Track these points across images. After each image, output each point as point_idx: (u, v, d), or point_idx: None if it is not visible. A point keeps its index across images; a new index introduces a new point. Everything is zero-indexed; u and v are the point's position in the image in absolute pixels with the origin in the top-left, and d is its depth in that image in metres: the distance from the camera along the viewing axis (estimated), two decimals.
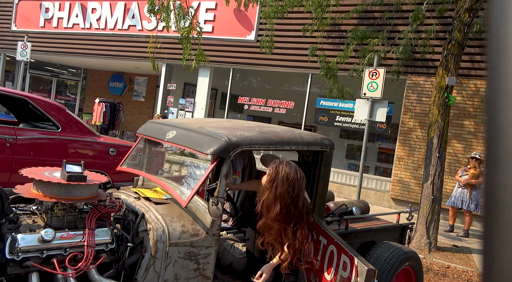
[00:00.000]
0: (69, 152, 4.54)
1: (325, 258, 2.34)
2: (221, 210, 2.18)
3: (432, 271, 4.69)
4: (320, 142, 2.64)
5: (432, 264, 4.96)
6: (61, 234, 1.93)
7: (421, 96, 8.21)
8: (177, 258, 2.16)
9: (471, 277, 4.63)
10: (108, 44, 11.92)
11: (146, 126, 3.00)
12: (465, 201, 6.49)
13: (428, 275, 4.46)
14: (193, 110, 10.93)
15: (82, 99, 15.81)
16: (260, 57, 9.40)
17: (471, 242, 6.31)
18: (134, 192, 2.58)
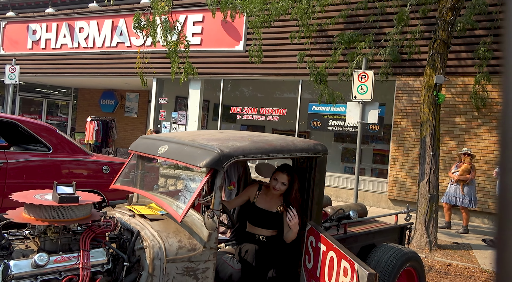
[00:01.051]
0: (62, 173, 4.49)
1: (325, 265, 2.32)
2: (217, 223, 2.16)
3: (434, 270, 4.67)
4: (313, 148, 2.64)
5: (433, 262, 4.95)
6: (55, 257, 1.90)
7: (411, 96, 8.29)
8: (175, 274, 2.12)
9: (473, 274, 4.62)
10: (97, 62, 11.92)
11: (138, 142, 2.98)
12: (459, 198, 6.53)
13: (431, 274, 4.44)
14: (186, 123, 10.92)
15: (74, 119, 15.73)
16: (250, 66, 9.45)
17: (471, 238, 6.32)
18: (129, 209, 2.55)
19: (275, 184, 2.71)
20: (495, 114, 7.62)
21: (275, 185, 2.70)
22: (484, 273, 4.62)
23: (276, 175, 2.72)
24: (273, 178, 2.74)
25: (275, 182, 2.71)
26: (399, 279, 3.05)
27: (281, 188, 2.69)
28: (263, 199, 2.83)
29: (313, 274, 2.43)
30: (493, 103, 7.63)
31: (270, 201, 2.81)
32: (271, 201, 2.81)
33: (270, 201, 2.81)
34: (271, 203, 2.80)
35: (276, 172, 2.74)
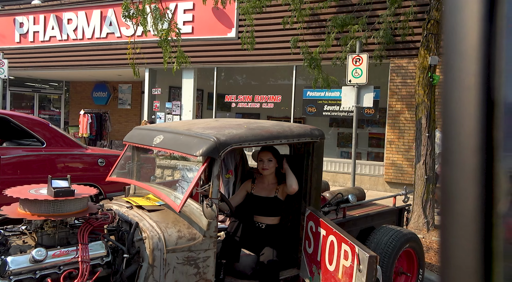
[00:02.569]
0: (57, 167, 4.44)
1: (325, 249, 2.32)
2: (216, 212, 2.14)
3: (433, 250, 4.72)
4: (310, 133, 2.62)
5: (431, 242, 5.00)
6: (53, 252, 1.88)
7: (405, 78, 8.26)
8: (176, 264, 2.12)
9: None
10: (87, 54, 11.72)
11: (133, 133, 2.94)
12: None
13: (429, 254, 4.50)
14: (181, 113, 10.83)
15: (67, 112, 15.55)
16: (243, 53, 9.33)
17: None
18: (126, 201, 2.53)
19: (262, 164, 2.77)
20: None
21: (262, 164, 2.77)
22: None
23: (260, 156, 2.81)
24: (258, 160, 2.83)
25: (261, 163, 2.79)
26: (398, 260, 3.07)
27: (269, 165, 2.76)
28: (260, 187, 2.86)
29: (314, 258, 2.44)
30: None
31: (267, 188, 2.83)
32: (268, 187, 2.84)
33: (267, 188, 2.83)
34: (268, 189, 2.83)
35: (259, 154, 2.83)
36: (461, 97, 0.38)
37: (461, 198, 0.38)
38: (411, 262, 3.19)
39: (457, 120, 0.38)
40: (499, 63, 0.37)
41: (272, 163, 2.78)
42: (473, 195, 0.37)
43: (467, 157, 0.38)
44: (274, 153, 2.82)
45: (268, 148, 2.78)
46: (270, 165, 2.77)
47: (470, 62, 0.38)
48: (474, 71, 0.37)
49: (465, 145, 0.38)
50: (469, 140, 0.38)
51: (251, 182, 2.93)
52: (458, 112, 0.39)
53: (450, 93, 0.39)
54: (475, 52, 0.37)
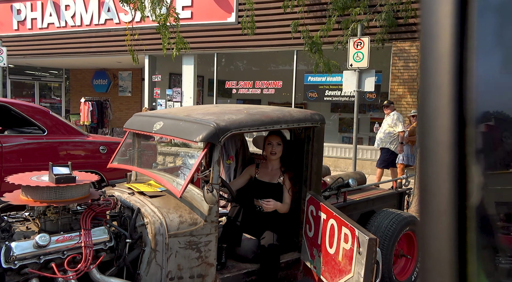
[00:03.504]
0: (59, 154, 4.46)
1: (326, 232, 2.34)
2: (216, 197, 2.16)
3: None
4: (310, 118, 2.61)
5: None
6: (56, 237, 1.90)
7: (407, 62, 8.16)
8: (178, 248, 2.14)
9: None
10: (86, 41, 11.61)
11: (133, 119, 2.94)
12: (410, 157, 6.65)
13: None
14: (181, 100, 10.79)
15: (68, 100, 15.52)
16: (243, 39, 9.22)
17: None
18: (128, 188, 2.55)
19: (271, 148, 2.78)
20: None
21: (272, 148, 2.78)
22: None
23: (269, 140, 2.81)
24: (266, 144, 2.83)
25: (270, 146, 2.80)
26: (399, 243, 3.10)
27: (277, 149, 2.78)
28: (264, 172, 2.88)
29: (314, 242, 2.46)
30: None
31: (271, 173, 2.86)
32: (272, 173, 2.86)
33: (270, 173, 2.86)
34: (271, 175, 2.85)
35: (268, 138, 2.83)
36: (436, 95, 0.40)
37: (436, 193, 0.39)
38: (411, 245, 3.22)
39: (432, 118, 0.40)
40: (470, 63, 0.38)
41: (280, 147, 2.79)
42: (448, 189, 0.39)
43: (442, 153, 0.39)
44: (283, 138, 2.83)
45: (277, 132, 2.78)
46: (278, 149, 2.78)
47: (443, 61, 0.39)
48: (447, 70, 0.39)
49: (439, 142, 0.39)
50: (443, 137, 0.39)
51: (255, 166, 2.95)
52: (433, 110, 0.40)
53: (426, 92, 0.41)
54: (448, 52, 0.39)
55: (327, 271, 2.30)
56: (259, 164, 2.96)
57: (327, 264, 2.30)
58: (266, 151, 2.83)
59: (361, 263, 2.01)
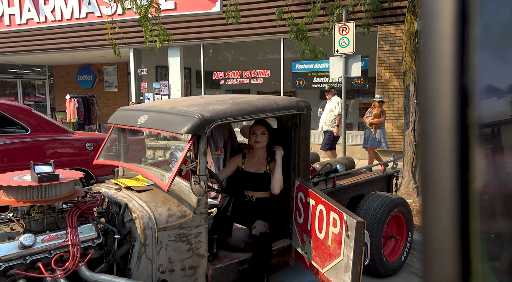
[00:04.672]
0: (45, 153, 4.38)
1: (315, 218, 2.36)
2: (204, 188, 2.14)
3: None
4: (296, 105, 2.59)
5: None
6: (42, 237, 1.87)
7: (393, 45, 8.17)
8: (168, 242, 2.14)
9: None
10: (68, 36, 11.35)
11: (117, 114, 2.89)
12: (371, 140, 6.91)
13: (419, 217, 4.61)
14: (169, 93, 10.67)
15: (53, 98, 15.24)
16: (229, 28, 9.11)
17: None
18: (115, 183, 2.52)
19: (255, 137, 2.78)
20: None
21: (256, 137, 2.78)
22: None
23: (253, 129, 2.81)
24: (251, 133, 2.83)
25: (254, 136, 2.80)
26: (388, 224, 3.15)
27: (262, 138, 2.78)
28: (250, 163, 2.88)
29: (304, 228, 2.48)
30: None
31: (257, 163, 2.85)
32: (258, 162, 2.85)
33: (257, 163, 2.85)
34: (258, 165, 2.84)
35: (252, 127, 2.83)
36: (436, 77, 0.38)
37: (438, 179, 0.39)
38: (400, 226, 3.27)
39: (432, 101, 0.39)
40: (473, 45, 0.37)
41: (265, 137, 2.79)
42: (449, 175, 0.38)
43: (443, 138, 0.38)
44: (267, 127, 2.82)
45: (261, 122, 2.77)
46: (263, 138, 2.78)
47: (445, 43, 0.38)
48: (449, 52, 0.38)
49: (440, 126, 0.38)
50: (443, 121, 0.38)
51: (242, 157, 2.94)
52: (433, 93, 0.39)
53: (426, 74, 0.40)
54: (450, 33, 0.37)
55: (318, 256, 2.32)
56: (246, 154, 2.95)
57: (318, 249, 2.32)
58: (251, 141, 2.84)
59: (350, 246, 2.03)
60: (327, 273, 2.20)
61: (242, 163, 2.91)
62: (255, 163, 2.85)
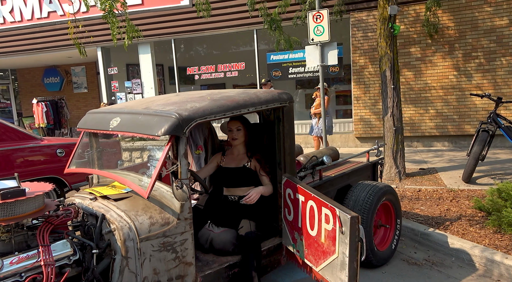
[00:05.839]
0: (11, 163, 4.10)
1: (306, 215, 2.27)
2: (187, 192, 2.01)
3: (406, 198, 4.88)
4: (278, 98, 2.48)
5: (404, 191, 5.16)
6: (10, 259, 1.70)
7: (366, 32, 8.19)
8: (151, 252, 1.99)
9: (441, 195, 4.87)
10: (30, 37, 10.75)
11: (86, 118, 2.69)
12: (316, 129, 7.09)
13: (403, 202, 4.64)
14: (142, 91, 10.34)
15: (19, 103, 14.49)
16: (200, 21, 8.87)
17: (435, 162, 6.65)
18: (89, 192, 2.34)
19: (231, 134, 2.74)
20: (447, 39, 7.74)
21: (232, 134, 2.74)
22: (451, 192, 4.89)
23: (229, 126, 2.77)
24: (228, 130, 2.80)
25: (230, 133, 2.76)
26: (377, 214, 3.11)
27: (238, 135, 2.73)
28: (230, 159, 2.81)
29: (295, 225, 2.39)
30: (444, 29, 7.71)
31: (237, 158, 2.78)
32: (237, 158, 2.78)
33: (236, 158, 2.78)
34: (237, 160, 2.77)
35: (228, 124, 2.79)
36: None
37: None
38: (388, 214, 3.24)
39: None
40: None
41: (241, 132, 2.73)
42: None
43: None
44: (243, 122, 2.74)
45: (236, 117, 2.67)
46: (239, 134, 2.73)
47: None
48: None
49: None
50: None
51: (221, 154, 2.84)
52: None
53: None
54: None
55: (311, 254, 2.24)
56: (226, 151, 2.88)
57: (310, 246, 2.24)
58: (229, 137, 2.79)
59: (345, 243, 1.95)
60: (322, 272, 2.13)
61: (221, 160, 2.82)
62: (234, 158, 2.78)
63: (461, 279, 2.94)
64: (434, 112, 8.00)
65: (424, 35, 7.81)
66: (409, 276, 3.00)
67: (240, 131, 2.72)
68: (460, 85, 7.78)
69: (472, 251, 3.13)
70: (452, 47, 7.73)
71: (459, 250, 3.23)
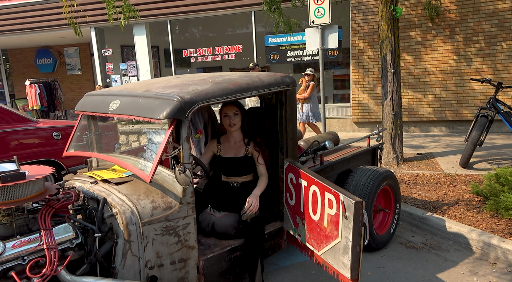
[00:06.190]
0: (7, 146, 4.04)
1: (308, 199, 2.26)
2: (190, 177, 1.98)
3: (404, 182, 4.91)
4: (281, 81, 2.44)
5: (402, 176, 5.19)
6: (12, 242, 1.68)
7: (366, 14, 8.06)
8: (154, 236, 1.98)
9: (438, 180, 4.91)
10: (21, 17, 10.45)
11: (84, 100, 2.63)
12: (300, 115, 7.01)
13: (401, 187, 4.67)
14: (138, 74, 10.18)
15: (11, 84, 14.23)
16: (196, 2, 8.66)
17: (432, 147, 6.68)
18: (89, 176, 2.31)
19: (228, 120, 2.61)
20: (449, 23, 7.65)
21: (229, 120, 2.60)
22: (448, 177, 4.93)
23: (225, 111, 2.62)
24: (223, 116, 2.64)
25: (227, 118, 2.62)
26: (376, 198, 3.12)
27: (236, 120, 2.61)
28: (227, 147, 2.70)
29: (297, 210, 2.39)
30: (445, 12, 7.60)
31: (234, 147, 2.69)
32: (235, 146, 2.69)
33: (234, 147, 2.69)
34: (235, 148, 2.68)
35: (223, 109, 2.64)
36: None
37: None
38: (388, 199, 3.26)
39: None
40: None
41: (238, 117, 2.61)
42: None
43: None
44: (239, 106, 2.64)
45: (232, 102, 2.57)
46: (236, 119, 2.60)
47: None
48: None
49: None
50: None
51: (216, 142, 2.74)
52: None
53: None
54: None
55: (313, 238, 2.24)
56: (220, 139, 2.75)
57: (312, 231, 2.24)
58: (225, 124, 2.64)
59: (348, 227, 1.96)
60: (323, 255, 2.14)
61: (218, 149, 2.70)
62: (232, 147, 2.68)
63: (458, 262, 2.99)
64: (432, 97, 7.99)
65: (425, 19, 7.71)
66: (407, 259, 3.04)
67: (237, 115, 2.61)
68: (460, 70, 7.74)
69: (470, 235, 3.18)
70: (453, 31, 7.65)
71: (457, 234, 3.27)
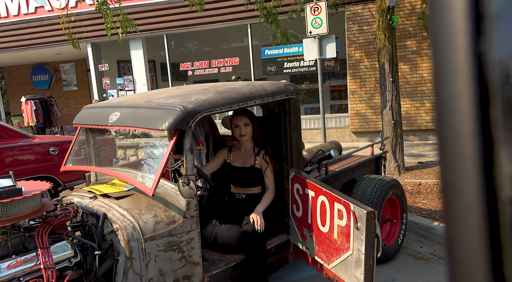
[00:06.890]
0: (2, 162, 3.94)
1: (316, 211, 2.18)
2: (194, 189, 1.91)
3: (407, 192, 4.84)
4: (284, 90, 2.39)
5: (405, 185, 5.12)
6: (7, 263, 1.58)
7: (361, 25, 8.13)
8: (157, 252, 1.89)
9: None
10: (16, 34, 10.45)
11: (83, 113, 2.56)
12: None
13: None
14: (134, 88, 10.14)
15: (6, 102, 14.14)
16: (192, 16, 8.70)
17: (432, 156, 6.63)
18: (88, 191, 2.22)
19: (239, 131, 2.57)
20: None
21: (240, 131, 2.56)
22: None
23: (235, 122, 2.58)
24: (234, 126, 2.61)
25: (237, 129, 2.58)
26: (383, 208, 3.04)
27: (246, 130, 2.56)
28: (237, 156, 2.67)
29: (304, 222, 2.30)
30: None
31: (244, 156, 2.64)
32: (245, 155, 2.65)
33: (243, 156, 2.64)
34: (245, 158, 2.64)
35: (233, 120, 2.60)
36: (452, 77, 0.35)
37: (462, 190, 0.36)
38: (394, 209, 3.18)
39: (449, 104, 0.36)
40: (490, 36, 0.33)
41: (249, 127, 2.57)
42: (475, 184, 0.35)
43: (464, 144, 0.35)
44: (250, 116, 2.60)
45: (242, 112, 2.54)
46: (247, 129, 2.56)
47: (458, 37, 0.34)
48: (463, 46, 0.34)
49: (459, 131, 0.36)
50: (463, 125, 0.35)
51: (228, 150, 2.71)
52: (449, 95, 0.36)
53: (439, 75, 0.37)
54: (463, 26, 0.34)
55: (322, 251, 2.16)
56: (232, 147, 2.73)
57: (321, 243, 2.16)
58: (235, 134, 2.61)
59: (360, 239, 1.88)
60: (334, 269, 2.05)
61: (228, 156, 2.68)
62: (242, 156, 2.64)
63: None
64: (430, 106, 7.99)
65: (420, 28, 7.78)
66: (417, 271, 2.95)
67: (248, 125, 2.56)
68: None
69: None
70: None
71: None
